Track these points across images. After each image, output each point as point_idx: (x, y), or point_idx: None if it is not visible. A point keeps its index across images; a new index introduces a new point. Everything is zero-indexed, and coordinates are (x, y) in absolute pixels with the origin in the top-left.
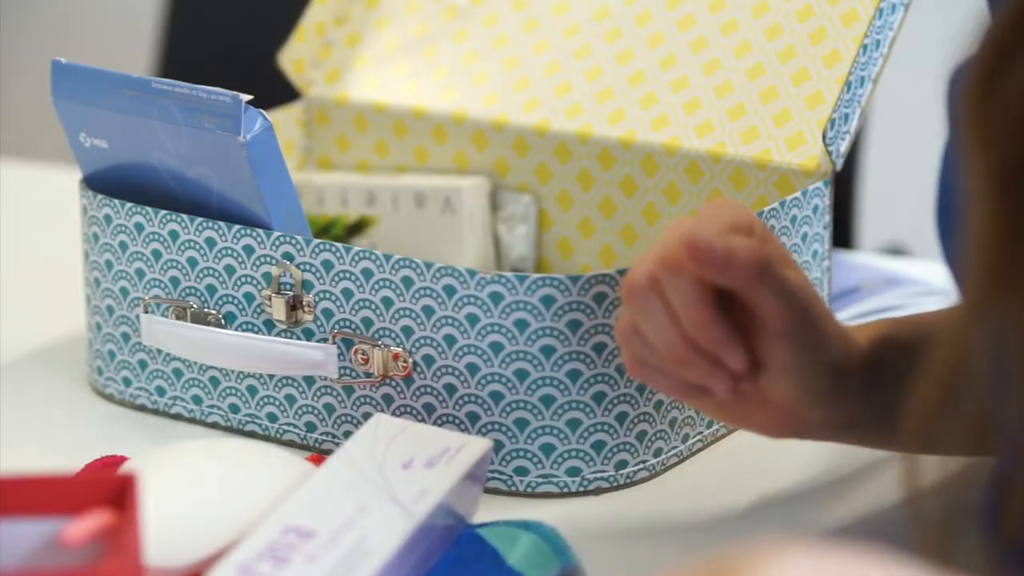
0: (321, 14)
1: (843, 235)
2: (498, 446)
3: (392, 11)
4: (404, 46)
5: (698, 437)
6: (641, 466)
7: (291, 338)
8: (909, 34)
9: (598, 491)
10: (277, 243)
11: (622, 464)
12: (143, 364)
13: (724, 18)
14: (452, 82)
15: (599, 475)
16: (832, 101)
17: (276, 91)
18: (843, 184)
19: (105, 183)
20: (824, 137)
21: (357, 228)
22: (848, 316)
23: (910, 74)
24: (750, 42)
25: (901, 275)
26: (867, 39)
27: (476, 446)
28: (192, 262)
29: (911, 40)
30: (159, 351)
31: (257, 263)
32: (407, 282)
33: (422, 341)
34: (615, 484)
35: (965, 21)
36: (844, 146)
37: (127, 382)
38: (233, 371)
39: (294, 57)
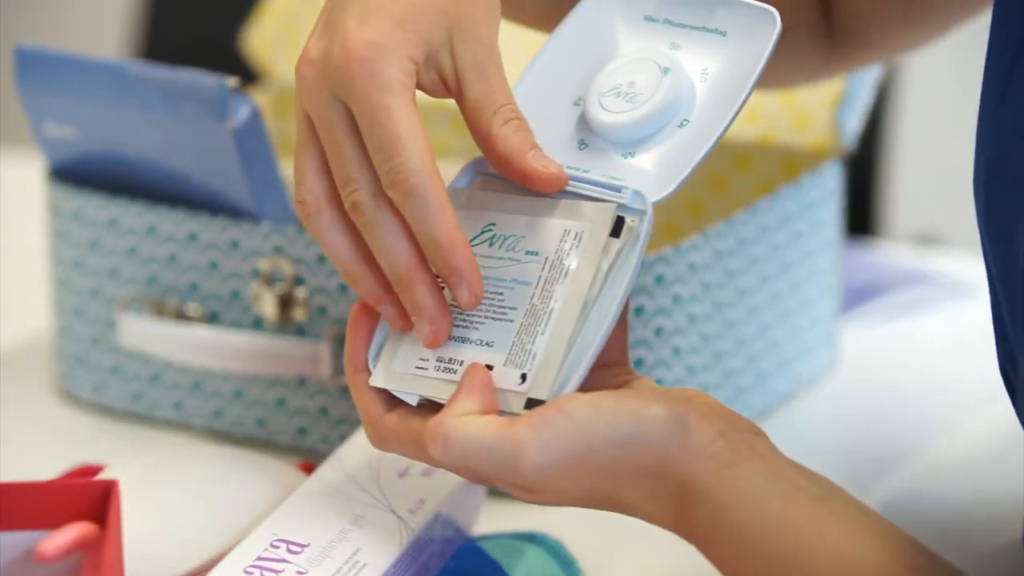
0: None
1: (869, 222)
2: None
3: None
4: None
5: None
6: None
7: (282, 336)
8: None
9: None
10: (267, 236)
11: None
12: (117, 367)
13: None
14: None
15: None
16: (840, 80)
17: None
18: (870, 167)
19: (73, 175)
20: (836, 117)
21: None
22: (870, 310)
23: (946, 49)
24: None
25: (924, 271)
26: None
27: None
28: (172, 258)
29: None
30: (135, 353)
31: (245, 257)
32: None
33: None
34: None
35: None
36: (856, 125)
37: (99, 386)
38: (218, 373)
39: (258, 38)
